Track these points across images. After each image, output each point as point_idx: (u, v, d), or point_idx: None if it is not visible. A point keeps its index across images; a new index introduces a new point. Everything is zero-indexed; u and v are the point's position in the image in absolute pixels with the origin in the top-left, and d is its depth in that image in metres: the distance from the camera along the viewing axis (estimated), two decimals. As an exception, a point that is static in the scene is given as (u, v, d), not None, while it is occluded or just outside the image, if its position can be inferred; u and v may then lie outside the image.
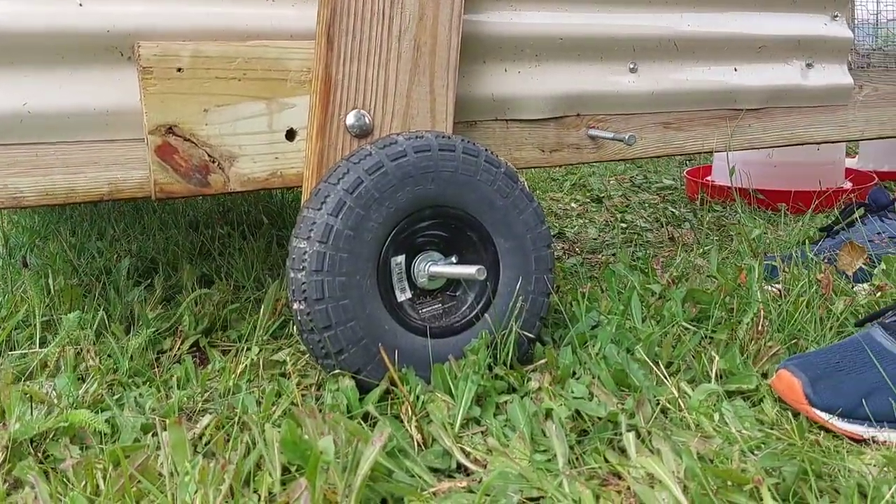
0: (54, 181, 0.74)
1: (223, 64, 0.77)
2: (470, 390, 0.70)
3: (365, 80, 0.79)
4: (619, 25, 1.04)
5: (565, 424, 0.67)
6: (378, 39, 0.80)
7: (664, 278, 1.01)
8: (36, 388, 0.71)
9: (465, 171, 0.76)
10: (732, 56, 1.15)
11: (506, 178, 0.79)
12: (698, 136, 1.14)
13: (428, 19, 0.82)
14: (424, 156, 0.74)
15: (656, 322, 0.88)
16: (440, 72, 0.83)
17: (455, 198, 0.77)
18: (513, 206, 0.79)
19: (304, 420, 0.60)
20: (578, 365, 0.79)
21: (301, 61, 0.80)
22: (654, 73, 1.07)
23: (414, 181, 0.74)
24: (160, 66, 0.74)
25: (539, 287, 0.81)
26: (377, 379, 0.72)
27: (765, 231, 1.29)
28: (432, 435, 0.66)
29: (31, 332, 0.89)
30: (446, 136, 0.76)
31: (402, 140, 0.74)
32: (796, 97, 1.21)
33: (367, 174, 0.72)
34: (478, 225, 0.79)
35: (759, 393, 0.72)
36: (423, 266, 0.79)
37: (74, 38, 0.73)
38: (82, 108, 0.74)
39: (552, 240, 0.82)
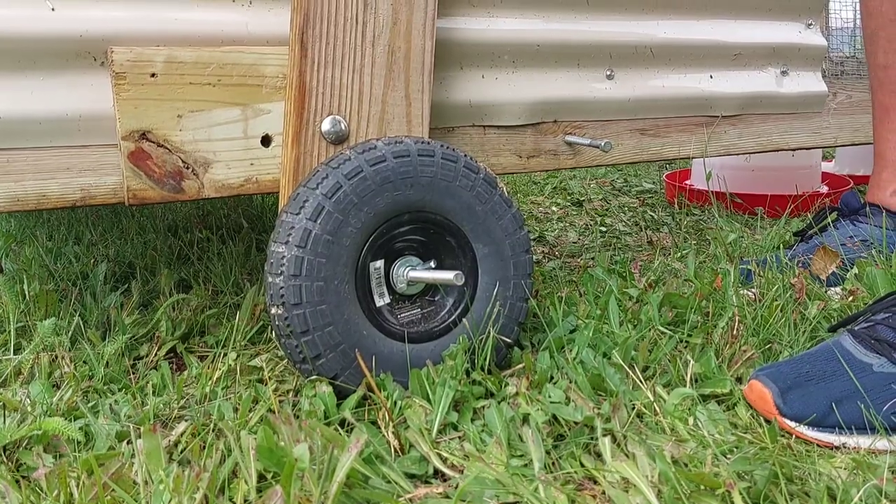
0: (25, 187, 0.74)
1: (198, 70, 0.76)
2: (447, 396, 0.70)
3: (340, 85, 0.79)
4: (596, 32, 1.05)
5: (542, 429, 0.67)
6: (352, 45, 0.80)
7: (641, 282, 1.02)
8: (9, 395, 0.70)
9: (443, 176, 0.76)
10: (708, 63, 1.16)
11: (485, 184, 0.79)
12: (674, 142, 1.15)
13: (402, 24, 0.82)
14: (403, 161, 0.74)
15: (633, 326, 0.89)
16: (415, 76, 0.83)
17: (434, 203, 0.77)
18: (491, 212, 0.79)
19: (280, 427, 0.60)
20: (556, 370, 0.79)
21: (276, 67, 0.80)
22: (630, 79, 1.08)
23: (393, 186, 0.74)
24: (134, 72, 0.73)
25: (517, 292, 0.82)
26: (355, 384, 0.72)
27: (741, 235, 1.30)
28: (409, 441, 0.66)
29: (6, 339, 0.88)
30: (425, 142, 0.77)
31: (381, 145, 0.75)
32: (771, 104, 1.22)
33: (347, 179, 0.72)
34: (457, 230, 0.79)
35: (733, 397, 0.73)
36: (402, 271, 0.79)
37: (47, 43, 0.73)
38: (54, 114, 0.74)
39: (531, 245, 0.83)
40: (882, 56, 1.06)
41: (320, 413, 0.69)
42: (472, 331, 0.79)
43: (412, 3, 0.83)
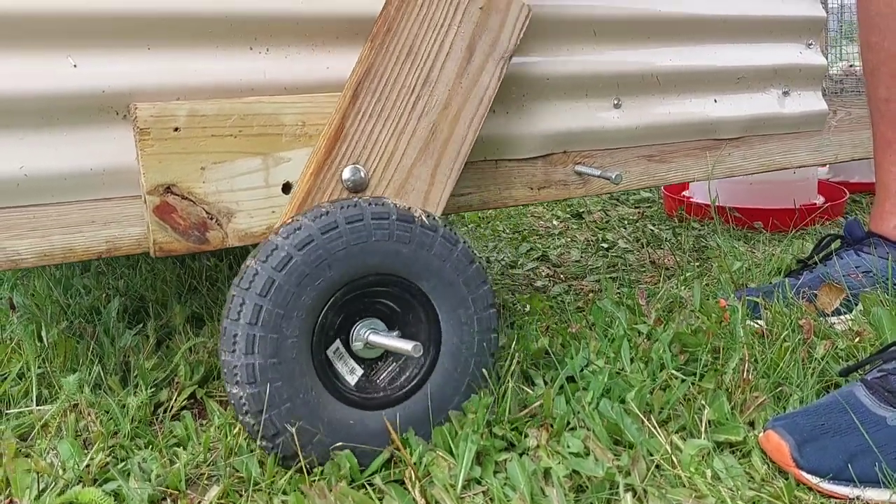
0: (52, 242, 0.74)
1: (219, 122, 0.77)
2: (470, 450, 0.72)
3: (375, 141, 0.81)
4: (604, 62, 1.06)
5: (563, 484, 0.69)
6: (400, 111, 0.82)
7: (650, 316, 1.03)
8: (39, 458, 0.72)
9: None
10: (712, 87, 1.17)
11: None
12: (680, 167, 1.17)
13: (452, 110, 0.85)
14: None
15: (644, 364, 0.91)
16: (446, 161, 0.85)
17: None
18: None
19: (313, 498, 0.61)
20: (572, 414, 0.81)
21: (295, 115, 0.81)
22: (637, 107, 1.09)
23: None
24: (157, 127, 0.74)
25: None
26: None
27: (743, 261, 1.32)
28: (435, 498, 0.68)
29: (27, 387, 0.89)
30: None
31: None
32: (774, 125, 1.24)
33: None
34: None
35: (746, 445, 0.75)
36: (363, 333, 0.77)
37: (70, 100, 0.73)
38: (79, 170, 0.75)
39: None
40: (884, 90, 1.08)
41: (346, 472, 0.70)
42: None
43: (468, 95, 0.86)
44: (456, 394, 0.79)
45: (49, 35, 0.72)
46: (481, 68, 0.88)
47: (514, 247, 1.70)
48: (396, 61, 0.82)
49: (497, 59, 0.89)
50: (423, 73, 0.84)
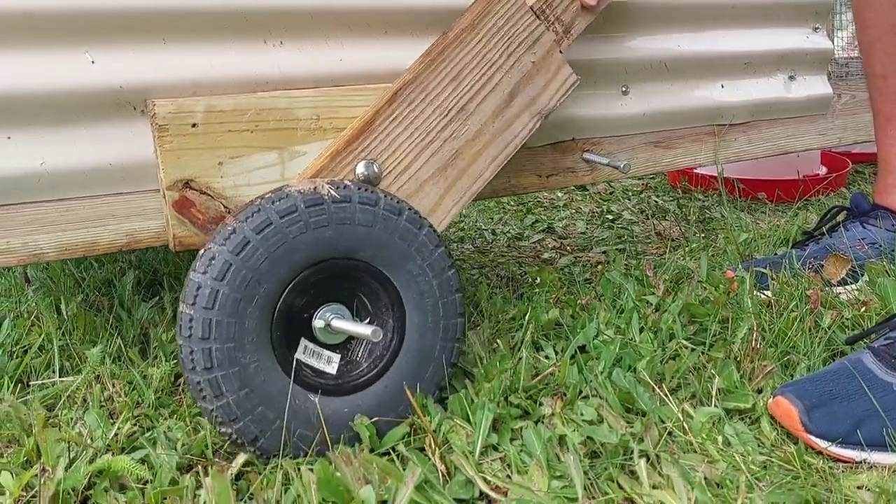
0: (73, 236, 0.76)
1: (236, 117, 0.78)
2: (487, 418, 0.74)
3: (397, 147, 0.81)
4: (612, 49, 1.07)
5: (578, 450, 0.71)
6: (430, 126, 0.83)
7: (659, 287, 1.05)
8: (68, 429, 0.73)
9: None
10: (719, 73, 1.18)
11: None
12: (687, 152, 1.17)
13: (478, 144, 0.86)
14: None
15: (654, 334, 0.93)
16: (458, 189, 0.86)
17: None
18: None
19: (340, 465, 0.63)
20: (584, 384, 0.83)
21: (310, 109, 0.82)
22: (645, 94, 1.10)
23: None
24: (175, 123, 0.75)
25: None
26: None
27: (749, 232, 1.33)
28: (455, 464, 0.70)
29: (48, 360, 0.90)
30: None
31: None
32: (780, 109, 1.25)
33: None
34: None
35: (755, 412, 0.77)
36: (328, 317, 0.75)
37: (88, 96, 0.74)
38: (98, 164, 0.75)
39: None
40: (880, 66, 1.09)
41: (367, 441, 0.72)
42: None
43: (497, 136, 0.87)
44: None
45: (67, 32, 0.73)
46: (516, 116, 0.90)
47: (520, 219, 1.72)
48: (440, 82, 0.84)
49: (533, 114, 0.91)
50: (461, 101, 0.86)
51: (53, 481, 0.62)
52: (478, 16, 0.88)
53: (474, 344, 0.92)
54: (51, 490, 0.62)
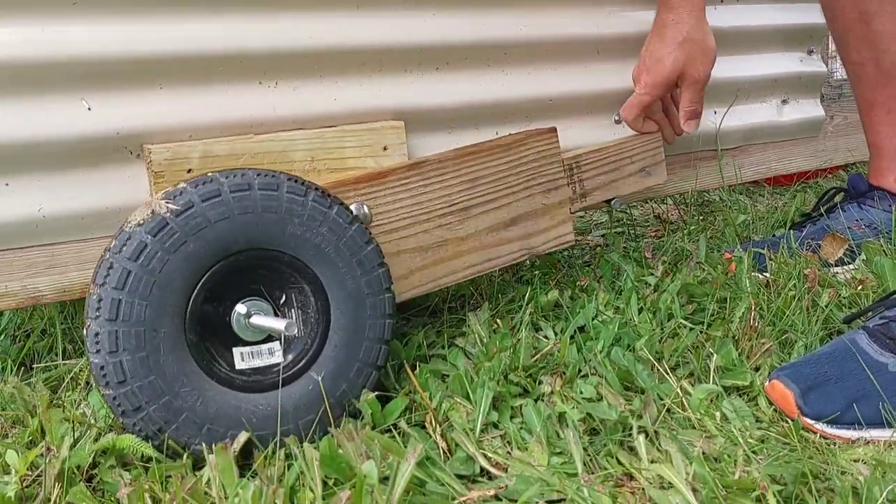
0: (71, 278, 0.76)
1: (231, 161, 0.79)
2: (487, 396, 0.74)
3: (396, 208, 0.84)
4: (604, 80, 1.07)
5: (578, 427, 0.72)
6: (432, 207, 0.87)
7: (658, 268, 1.06)
8: (72, 409, 0.74)
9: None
10: (711, 100, 1.18)
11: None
12: (677, 178, 1.18)
13: (464, 246, 0.89)
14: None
15: (652, 314, 0.93)
16: (430, 273, 0.87)
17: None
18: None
19: (343, 441, 0.64)
20: (583, 363, 0.84)
21: (305, 151, 0.83)
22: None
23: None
24: (171, 170, 0.76)
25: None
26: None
27: (747, 214, 1.34)
28: (455, 441, 0.71)
29: (50, 343, 0.91)
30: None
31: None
32: (771, 133, 1.26)
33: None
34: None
35: (753, 389, 0.78)
36: (245, 313, 0.73)
37: (85, 142, 0.75)
38: (95, 208, 0.76)
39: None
40: (855, 54, 1.10)
41: (369, 417, 0.73)
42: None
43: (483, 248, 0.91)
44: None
45: (62, 80, 0.73)
46: (508, 241, 0.93)
47: (519, 203, 1.72)
48: (459, 177, 0.88)
49: (524, 247, 0.94)
50: (468, 202, 0.89)
51: (59, 459, 0.63)
52: (516, 142, 0.93)
53: (474, 324, 0.92)
54: (56, 468, 0.62)
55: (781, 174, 1.30)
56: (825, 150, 1.35)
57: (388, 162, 0.89)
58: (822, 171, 1.76)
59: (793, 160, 1.31)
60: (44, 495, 0.62)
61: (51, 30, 0.72)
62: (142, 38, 0.76)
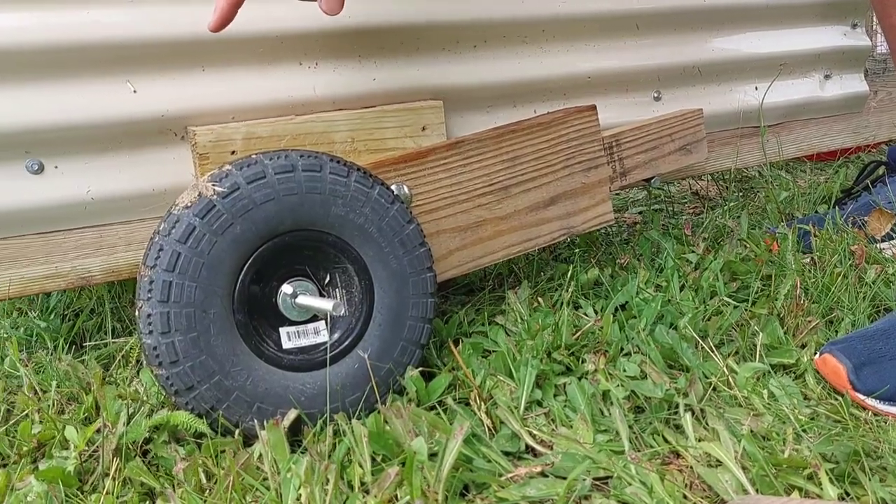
0: (119, 259, 0.78)
1: (273, 143, 0.80)
2: (531, 374, 0.75)
3: (435, 188, 0.84)
4: (645, 56, 1.05)
5: (622, 405, 0.72)
6: (471, 186, 0.87)
7: (699, 245, 1.04)
8: (125, 386, 0.76)
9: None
10: (753, 75, 1.16)
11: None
12: (718, 155, 1.16)
13: (503, 226, 0.89)
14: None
15: (694, 292, 0.93)
16: (469, 253, 0.87)
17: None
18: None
19: (391, 418, 0.64)
20: (626, 341, 0.83)
21: (345, 132, 0.84)
22: (677, 99, 1.09)
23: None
24: (216, 151, 0.77)
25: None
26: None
27: (789, 189, 1.31)
28: (500, 419, 0.71)
29: (99, 322, 0.93)
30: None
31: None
32: (814, 109, 1.23)
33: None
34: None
35: (799, 367, 0.77)
36: (292, 293, 0.73)
37: (131, 125, 0.76)
38: (141, 190, 0.78)
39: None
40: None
41: (413, 395, 0.74)
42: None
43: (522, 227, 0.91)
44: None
45: (108, 62, 0.74)
46: (548, 221, 0.92)
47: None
48: (499, 156, 0.88)
49: (563, 227, 0.93)
50: (508, 182, 0.89)
51: (116, 435, 0.64)
52: (556, 120, 0.91)
53: (515, 303, 0.92)
54: (113, 444, 0.64)
55: (823, 151, 1.27)
56: (868, 126, 1.32)
57: (427, 142, 0.89)
58: (866, 147, 1.72)
59: (835, 137, 1.28)
60: (101, 470, 0.64)
61: (96, 13, 0.73)
62: (185, 19, 0.77)
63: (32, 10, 0.71)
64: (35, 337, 0.91)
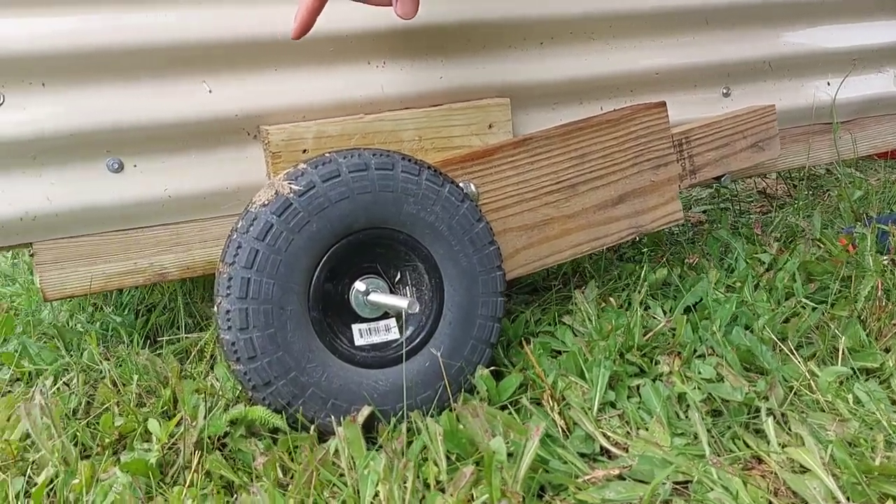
0: (194, 255, 0.80)
1: (342, 141, 0.80)
2: (604, 375, 0.73)
3: (502, 185, 0.84)
4: (713, 51, 1.03)
5: (700, 408, 0.70)
6: (539, 184, 0.86)
7: (772, 246, 1.02)
8: (201, 380, 0.77)
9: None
10: (826, 70, 1.12)
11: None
12: (788, 153, 1.13)
13: (570, 224, 0.88)
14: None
15: (768, 293, 0.90)
16: (535, 252, 0.87)
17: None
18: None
19: (467, 417, 0.64)
20: (699, 343, 0.82)
21: (413, 130, 0.84)
22: (746, 95, 1.06)
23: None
24: (288, 150, 0.78)
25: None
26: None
27: (861, 187, 1.27)
28: (573, 420, 0.70)
29: (172, 317, 0.95)
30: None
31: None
32: (888, 105, 1.18)
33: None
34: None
35: (884, 371, 0.74)
36: (364, 291, 0.74)
37: (206, 124, 0.78)
38: (215, 188, 0.79)
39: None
40: None
41: (484, 394, 0.73)
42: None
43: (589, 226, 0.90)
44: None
45: (187, 63, 0.76)
46: (616, 219, 0.91)
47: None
48: (567, 153, 0.87)
49: (632, 226, 0.92)
50: (575, 179, 0.88)
51: (196, 429, 0.65)
52: (625, 117, 0.90)
53: (582, 303, 0.91)
54: (194, 437, 0.65)
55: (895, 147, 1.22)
56: None
57: (494, 139, 0.89)
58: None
59: None
60: (182, 462, 0.65)
61: (175, 14, 0.75)
62: (260, 20, 0.78)
63: (114, 12, 0.73)
64: (111, 331, 0.94)
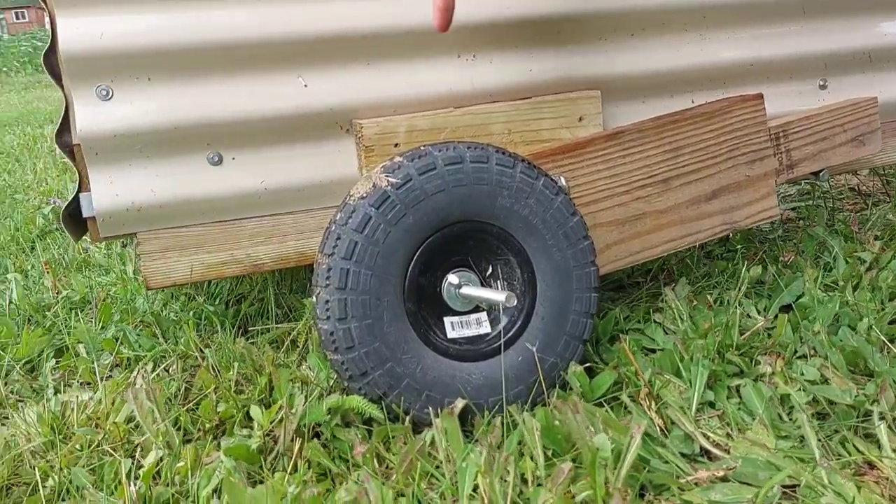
0: (288, 247, 0.82)
1: (433, 135, 0.81)
2: (702, 375, 0.72)
3: (593, 179, 0.83)
4: (810, 41, 0.99)
5: (805, 410, 0.68)
6: (631, 178, 0.84)
7: (872, 243, 0.97)
8: (296, 369, 0.79)
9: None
10: None
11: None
12: (888, 147, 1.07)
13: (662, 219, 0.86)
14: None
15: (871, 292, 0.86)
16: (626, 248, 0.85)
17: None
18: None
19: (567, 414, 0.63)
20: (799, 343, 0.79)
21: (502, 124, 0.83)
22: (844, 88, 1.01)
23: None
24: (380, 144, 0.79)
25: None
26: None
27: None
28: (671, 419, 0.69)
29: (262, 308, 0.97)
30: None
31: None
32: None
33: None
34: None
35: None
36: (456, 284, 0.74)
37: (302, 118, 0.79)
38: (309, 181, 0.81)
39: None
40: None
41: (578, 391, 0.72)
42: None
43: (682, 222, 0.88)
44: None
45: (284, 58, 0.77)
46: (709, 215, 0.88)
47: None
48: (660, 146, 0.85)
49: (726, 221, 0.89)
50: (668, 174, 0.86)
51: (297, 416, 0.66)
52: (719, 110, 0.88)
53: (673, 300, 0.89)
54: (294, 425, 0.66)
55: None
56: None
57: (583, 133, 0.87)
58: None
59: None
60: (281, 449, 0.66)
61: (272, 10, 0.76)
62: (355, 14, 0.78)
63: (219, 10, 0.75)
64: (203, 320, 0.96)
